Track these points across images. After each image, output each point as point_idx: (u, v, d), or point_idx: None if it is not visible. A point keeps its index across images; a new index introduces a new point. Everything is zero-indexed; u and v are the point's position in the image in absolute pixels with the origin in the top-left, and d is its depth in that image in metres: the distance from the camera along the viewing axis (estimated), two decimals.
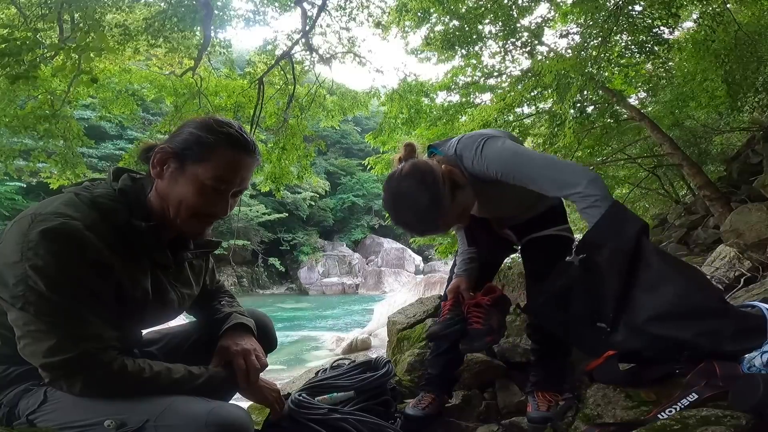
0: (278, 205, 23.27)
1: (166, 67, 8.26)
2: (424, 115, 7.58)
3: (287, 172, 8.36)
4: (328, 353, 9.54)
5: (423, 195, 1.33)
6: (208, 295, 1.42)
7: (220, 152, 1.09)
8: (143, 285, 1.09)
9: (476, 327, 1.59)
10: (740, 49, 5.04)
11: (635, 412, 1.22)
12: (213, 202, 1.12)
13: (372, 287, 23.29)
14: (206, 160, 1.08)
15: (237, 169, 1.12)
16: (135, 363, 1.02)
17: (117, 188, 1.10)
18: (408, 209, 1.37)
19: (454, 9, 5.89)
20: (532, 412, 1.66)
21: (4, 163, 7.76)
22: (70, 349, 0.95)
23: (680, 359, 1.36)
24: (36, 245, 0.93)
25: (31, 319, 0.94)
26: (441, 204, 1.34)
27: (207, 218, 1.15)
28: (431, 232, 1.53)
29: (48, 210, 0.99)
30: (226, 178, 1.11)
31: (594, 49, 4.76)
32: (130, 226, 1.06)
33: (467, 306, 1.64)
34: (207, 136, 1.09)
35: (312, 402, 1.48)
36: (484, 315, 1.60)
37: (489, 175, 1.42)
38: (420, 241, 8.36)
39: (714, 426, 0.99)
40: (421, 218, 1.37)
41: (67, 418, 0.99)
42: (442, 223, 1.41)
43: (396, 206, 1.40)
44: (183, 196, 1.10)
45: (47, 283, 0.93)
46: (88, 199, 1.04)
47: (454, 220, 1.44)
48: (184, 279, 1.25)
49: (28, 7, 5.98)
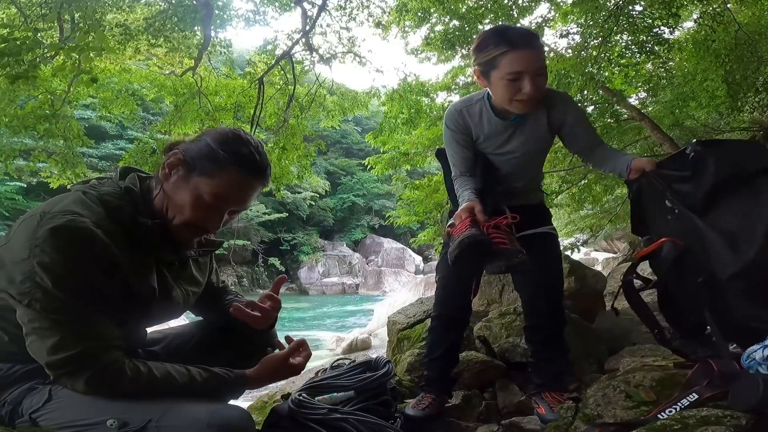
0: (278, 205, 23.26)
1: (167, 67, 8.27)
2: (424, 115, 7.57)
3: (287, 172, 8.36)
4: (328, 353, 9.53)
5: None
6: (215, 293, 1.42)
7: (229, 172, 1.10)
8: (149, 282, 1.10)
9: (503, 247, 1.42)
10: (740, 49, 5.04)
11: (635, 412, 1.22)
12: (207, 217, 1.12)
13: (372, 287, 23.27)
14: (213, 176, 1.09)
15: (242, 191, 1.13)
16: (136, 365, 1.02)
17: (123, 186, 1.11)
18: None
19: (454, 9, 5.88)
20: (546, 414, 1.65)
21: (4, 163, 7.76)
22: (72, 347, 0.95)
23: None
24: (43, 242, 0.94)
25: (37, 316, 0.95)
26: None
27: (197, 230, 1.15)
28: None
29: (57, 208, 1.00)
30: (227, 198, 1.11)
31: (594, 49, 4.76)
32: (136, 224, 1.07)
33: (486, 227, 1.45)
34: (220, 153, 1.10)
35: (312, 402, 1.47)
36: (507, 236, 1.44)
37: (566, 113, 1.64)
38: (420, 241, 8.36)
39: (714, 426, 0.99)
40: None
41: (70, 417, 0.99)
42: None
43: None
44: (181, 204, 1.10)
45: (53, 280, 0.94)
46: (94, 197, 1.05)
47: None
48: (188, 276, 1.25)
49: (28, 7, 5.98)
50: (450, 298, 1.84)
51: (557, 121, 1.67)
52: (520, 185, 1.78)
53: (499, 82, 1.52)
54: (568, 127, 1.67)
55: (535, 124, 1.66)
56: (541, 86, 1.51)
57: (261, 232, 23.97)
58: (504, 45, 1.47)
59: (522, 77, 1.47)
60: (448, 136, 1.75)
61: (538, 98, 1.54)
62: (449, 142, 1.75)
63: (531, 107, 1.57)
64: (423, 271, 24.47)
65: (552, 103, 1.65)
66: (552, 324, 1.77)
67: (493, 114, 1.65)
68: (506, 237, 1.43)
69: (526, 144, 1.68)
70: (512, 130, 1.66)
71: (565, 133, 1.70)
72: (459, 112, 1.71)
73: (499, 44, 1.48)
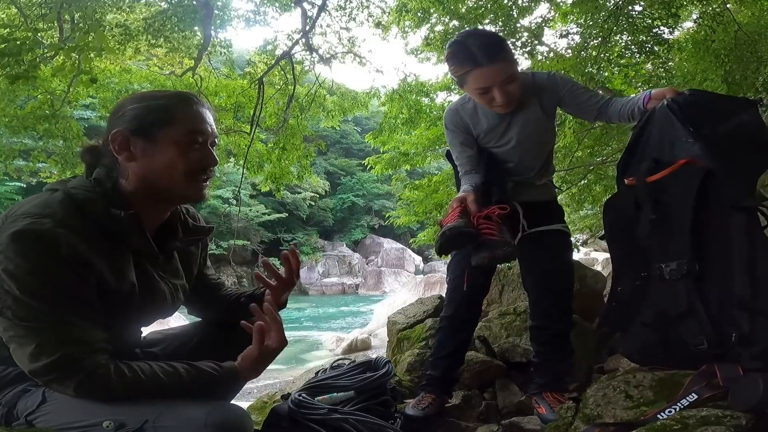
0: (278, 205, 23.25)
1: (166, 67, 8.26)
2: (424, 115, 7.56)
3: (287, 172, 8.35)
4: (328, 353, 9.53)
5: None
6: (210, 289, 1.40)
7: (177, 109, 1.08)
8: (129, 278, 1.05)
9: (490, 238, 1.45)
10: (740, 49, 5.04)
11: (635, 412, 1.22)
12: (200, 155, 1.10)
13: (372, 287, 23.26)
14: (171, 122, 1.07)
15: (201, 118, 1.11)
16: (120, 367, 0.98)
17: (93, 178, 1.06)
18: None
19: (454, 9, 5.88)
20: (546, 414, 1.65)
21: (4, 163, 7.75)
22: (51, 353, 0.93)
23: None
24: (6, 248, 0.91)
25: (11, 325, 0.93)
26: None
27: (202, 174, 1.12)
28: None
29: (19, 212, 0.97)
30: (198, 129, 1.09)
31: (594, 49, 4.76)
32: (109, 216, 1.02)
33: (476, 218, 1.50)
34: (155, 102, 1.08)
35: (312, 402, 1.47)
36: (497, 227, 1.47)
37: (557, 90, 1.64)
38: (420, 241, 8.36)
39: (714, 426, 0.99)
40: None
41: (66, 419, 0.98)
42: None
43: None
44: (169, 164, 1.06)
45: (20, 287, 0.91)
46: (61, 194, 1.01)
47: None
48: (173, 270, 1.20)
49: (28, 7, 5.97)
50: (460, 299, 1.83)
51: (551, 102, 1.69)
52: (528, 178, 1.77)
53: (473, 93, 1.60)
54: (568, 99, 1.67)
55: (529, 110, 1.68)
56: (512, 92, 1.56)
57: (261, 232, 23.96)
58: (468, 63, 1.53)
59: (490, 90, 1.53)
60: (449, 137, 1.79)
61: (515, 97, 1.58)
62: (451, 142, 1.79)
63: (512, 106, 1.61)
64: (423, 271, 24.46)
65: (541, 88, 1.67)
66: (557, 326, 1.75)
67: (487, 108, 1.69)
68: (495, 228, 1.46)
69: (524, 130, 1.70)
70: (508, 119, 1.69)
71: (569, 106, 1.70)
72: (455, 111, 1.76)
73: (463, 63, 1.55)
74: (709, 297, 1.26)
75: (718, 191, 1.27)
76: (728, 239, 1.25)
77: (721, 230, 1.27)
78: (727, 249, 1.25)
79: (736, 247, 1.23)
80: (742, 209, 1.25)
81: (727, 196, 1.27)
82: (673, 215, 1.33)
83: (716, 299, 1.25)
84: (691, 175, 1.29)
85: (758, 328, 1.16)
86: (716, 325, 1.23)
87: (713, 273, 1.27)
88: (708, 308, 1.25)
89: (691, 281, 1.28)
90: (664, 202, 1.35)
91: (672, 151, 1.37)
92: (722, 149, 1.31)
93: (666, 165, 1.35)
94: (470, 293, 1.80)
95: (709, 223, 1.29)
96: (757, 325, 1.17)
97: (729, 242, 1.25)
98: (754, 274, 1.19)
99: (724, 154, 1.30)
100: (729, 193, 1.27)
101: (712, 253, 1.28)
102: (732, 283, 1.22)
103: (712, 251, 1.28)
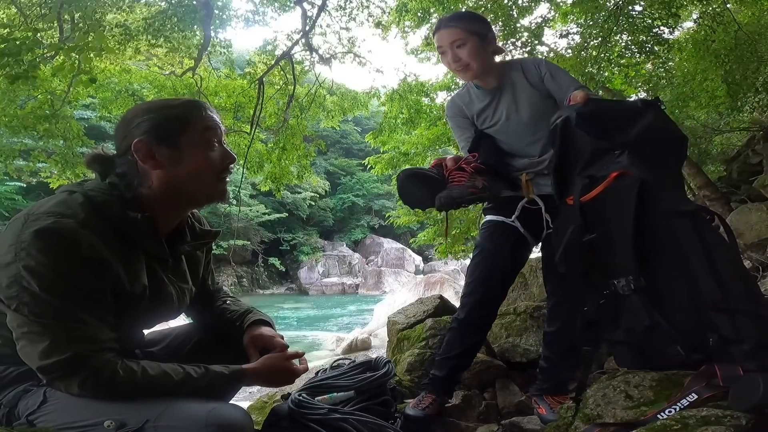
0: (278, 205, 23.26)
1: (166, 67, 8.27)
2: (424, 115, 7.58)
3: (287, 172, 8.37)
4: (328, 353, 9.53)
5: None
6: (209, 295, 1.41)
7: (192, 115, 1.12)
8: (141, 280, 1.07)
9: (457, 185, 1.58)
10: (740, 49, 5.04)
11: (635, 412, 1.22)
12: (220, 155, 1.14)
13: (372, 287, 23.26)
14: (189, 128, 1.10)
15: (213, 121, 1.15)
16: (129, 365, 1.00)
17: (108, 182, 1.08)
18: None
19: (454, 9, 5.89)
20: (546, 415, 1.66)
21: (4, 163, 7.77)
22: (63, 351, 0.94)
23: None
24: (28, 245, 0.93)
25: (25, 321, 0.94)
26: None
27: (227, 173, 1.17)
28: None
29: (41, 210, 0.98)
30: (213, 131, 1.14)
31: (594, 49, 4.77)
32: (125, 219, 1.04)
33: (449, 171, 1.63)
34: (168, 111, 1.11)
35: (312, 402, 1.47)
36: (467, 176, 1.59)
37: (540, 67, 1.72)
38: (420, 241, 8.36)
39: (714, 426, 0.99)
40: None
41: (67, 419, 0.98)
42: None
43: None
44: (198, 167, 1.11)
45: (40, 284, 0.92)
46: (80, 195, 1.03)
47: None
48: (181, 273, 1.23)
49: (28, 7, 5.98)
50: (473, 304, 1.82)
51: (535, 75, 1.73)
52: (536, 161, 1.75)
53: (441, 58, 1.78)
54: (548, 78, 1.71)
55: (516, 86, 1.75)
56: (461, 54, 1.68)
57: (261, 232, 23.96)
58: (434, 30, 1.77)
59: (446, 52, 1.71)
60: (450, 125, 1.94)
61: (467, 64, 1.68)
62: (452, 128, 1.94)
63: (470, 73, 1.72)
64: (423, 271, 24.48)
65: (524, 64, 1.78)
66: (574, 335, 1.72)
67: (476, 88, 1.80)
68: (465, 177, 1.59)
69: (512, 105, 1.75)
70: (497, 97, 1.77)
71: (549, 85, 1.72)
72: (452, 99, 1.94)
73: (434, 29, 1.79)
74: (669, 308, 1.23)
75: (655, 199, 1.26)
76: (679, 246, 1.22)
77: (670, 239, 1.24)
78: (681, 256, 1.22)
79: (691, 253, 1.20)
80: (686, 214, 1.23)
81: (666, 202, 1.25)
82: (613, 231, 1.30)
83: (682, 307, 1.22)
84: (626, 187, 1.28)
85: (741, 326, 1.14)
86: (688, 332, 1.21)
87: (670, 283, 1.24)
88: (671, 319, 1.22)
89: (644, 295, 1.24)
90: (605, 218, 1.32)
91: (602, 165, 1.36)
92: (644, 154, 1.31)
93: (600, 179, 1.34)
94: (484, 299, 1.80)
95: (656, 233, 1.26)
96: (738, 324, 1.15)
97: (681, 249, 1.22)
98: (719, 276, 1.17)
99: (646, 159, 1.30)
100: (667, 200, 1.26)
101: (665, 263, 1.25)
102: (698, 287, 1.19)
103: (665, 262, 1.25)
